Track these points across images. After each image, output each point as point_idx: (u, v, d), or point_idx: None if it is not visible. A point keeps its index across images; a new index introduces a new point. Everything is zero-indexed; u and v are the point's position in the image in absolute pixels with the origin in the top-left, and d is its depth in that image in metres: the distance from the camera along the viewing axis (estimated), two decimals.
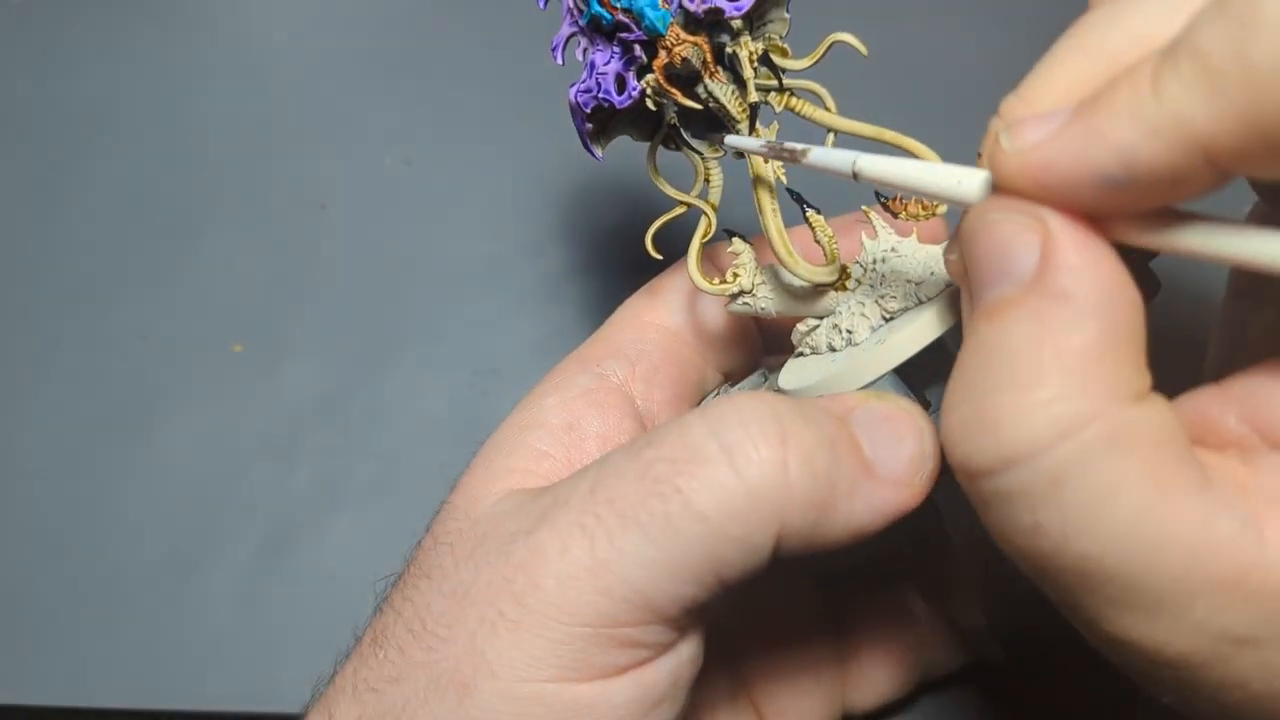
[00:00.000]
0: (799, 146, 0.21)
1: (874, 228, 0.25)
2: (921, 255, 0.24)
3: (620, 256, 0.42)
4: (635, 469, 0.19)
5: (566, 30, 0.24)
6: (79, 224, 0.42)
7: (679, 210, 0.25)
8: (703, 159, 0.25)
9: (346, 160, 0.44)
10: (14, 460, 0.38)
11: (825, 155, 0.21)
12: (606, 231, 0.42)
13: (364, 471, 0.38)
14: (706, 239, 0.25)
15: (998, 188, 0.17)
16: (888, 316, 0.24)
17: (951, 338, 0.22)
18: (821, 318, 0.25)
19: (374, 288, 0.41)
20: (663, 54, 0.22)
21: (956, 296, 0.22)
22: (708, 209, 0.25)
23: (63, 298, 0.41)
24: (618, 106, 0.23)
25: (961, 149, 0.45)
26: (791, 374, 0.24)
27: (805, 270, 0.24)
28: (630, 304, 0.28)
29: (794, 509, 0.19)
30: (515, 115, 0.45)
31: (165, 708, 0.34)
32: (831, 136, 0.25)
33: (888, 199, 0.25)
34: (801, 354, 0.25)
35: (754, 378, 0.28)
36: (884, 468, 0.20)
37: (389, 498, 0.37)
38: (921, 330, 0.22)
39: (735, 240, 0.25)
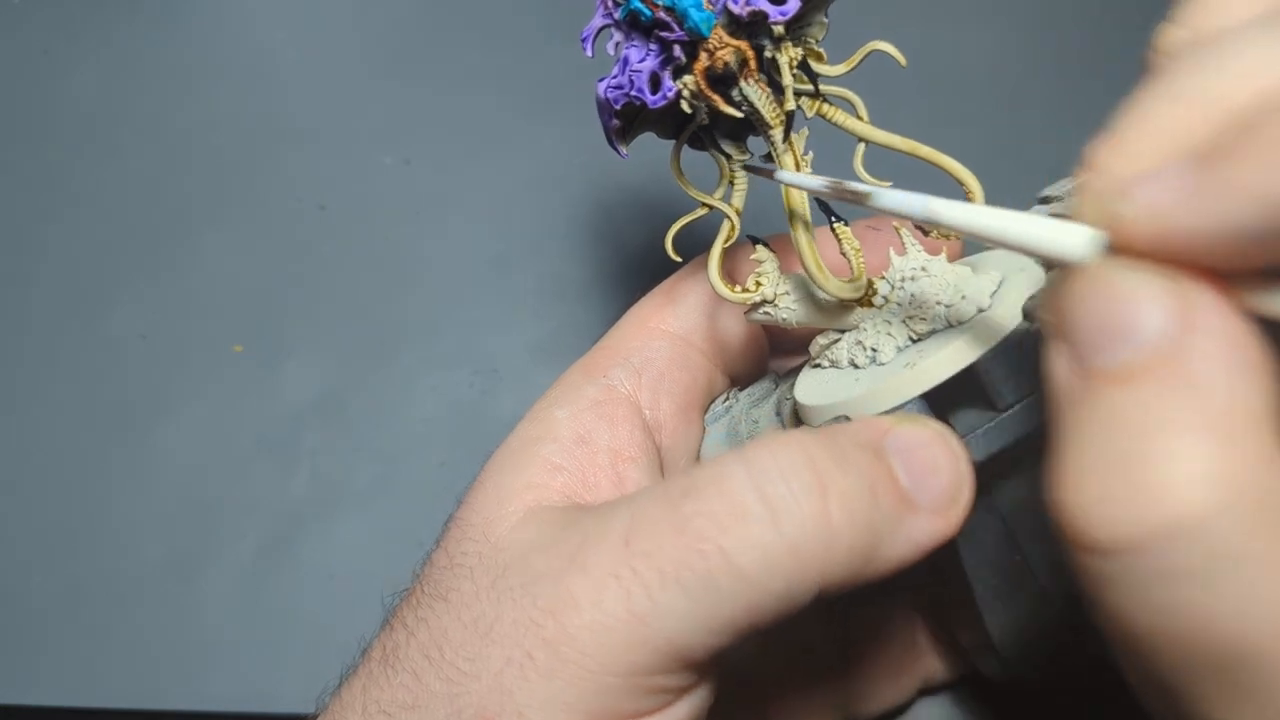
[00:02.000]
0: (863, 188, 0.20)
1: (902, 243, 0.24)
2: (951, 276, 0.23)
3: (621, 256, 0.42)
4: (673, 522, 0.19)
5: (599, 22, 0.23)
6: (79, 224, 0.42)
7: (701, 212, 0.25)
8: (729, 160, 0.25)
9: (346, 160, 0.44)
10: (14, 460, 0.38)
11: (894, 198, 0.19)
12: (607, 231, 0.42)
13: (364, 471, 0.38)
14: (728, 244, 0.24)
15: (1116, 250, 0.16)
16: (914, 338, 0.23)
17: (983, 365, 0.21)
18: (842, 331, 0.24)
19: (374, 288, 0.41)
20: (704, 56, 0.22)
21: (989, 324, 0.22)
22: (731, 213, 0.24)
23: (63, 298, 0.41)
24: (650, 106, 0.22)
25: (985, 149, 0.44)
26: (809, 387, 0.24)
27: (834, 287, 0.23)
28: (638, 308, 0.27)
29: (837, 560, 0.19)
30: (515, 115, 0.45)
31: (165, 708, 0.34)
32: (862, 147, 0.24)
33: None
34: (819, 365, 0.25)
35: (764, 384, 0.27)
36: (922, 498, 0.20)
37: (389, 498, 0.37)
38: (954, 356, 0.21)
39: (759, 248, 0.25)
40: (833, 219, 0.25)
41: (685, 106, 0.23)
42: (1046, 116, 0.45)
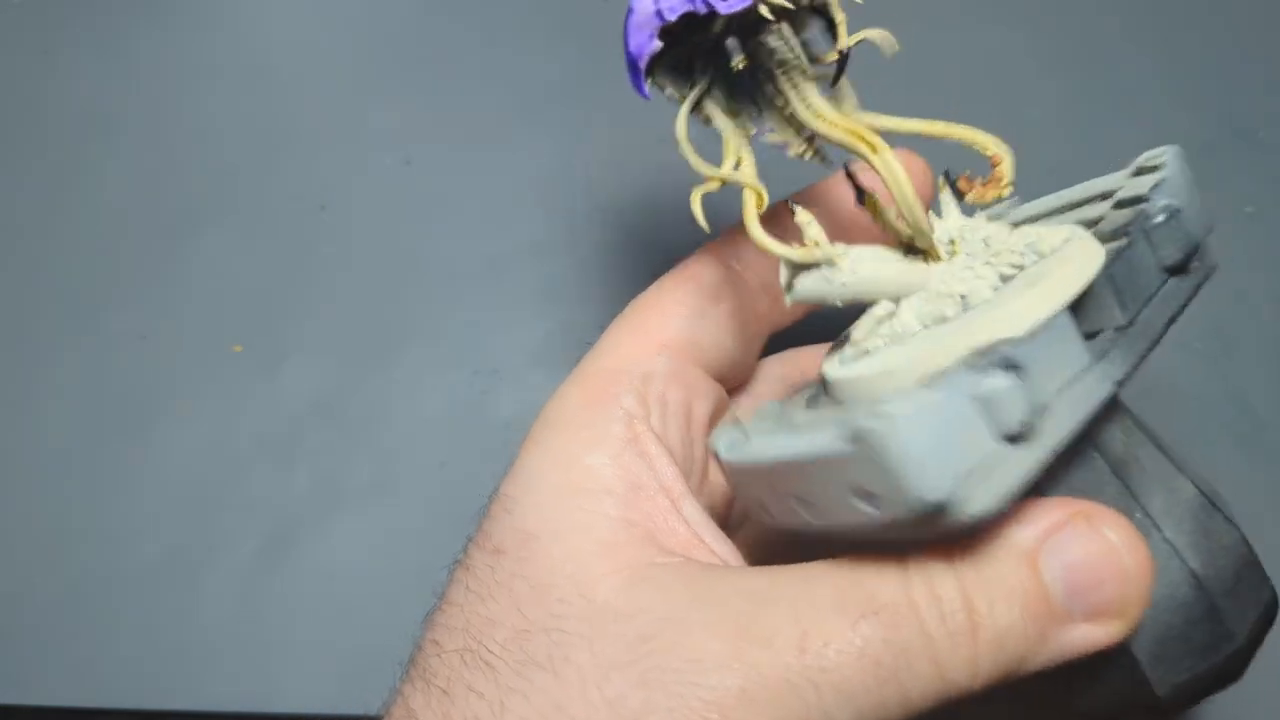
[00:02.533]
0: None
1: (942, 207, 0.23)
2: (1000, 229, 0.22)
3: (621, 257, 0.42)
4: (852, 643, 0.19)
5: None
6: (79, 224, 0.42)
7: (710, 186, 0.23)
8: (735, 128, 0.23)
9: (346, 160, 0.44)
10: (14, 460, 0.38)
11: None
12: (607, 232, 0.42)
13: (364, 471, 0.38)
14: (761, 212, 0.22)
15: None
16: (1005, 277, 0.21)
17: (1107, 274, 0.20)
18: (897, 301, 0.22)
19: (374, 288, 0.41)
20: None
21: (1087, 244, 0.21)
22: (753, 182, 0.22)
23: (63, 298, 0.41)
24: (722, 12, 0.20)
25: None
26: (887, 362, 0.21)
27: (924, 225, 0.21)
28: (625, 320, 0.26)
29: (980, 682, 0.20)
30: (515, 115, 0.45)
31: (165, 708, 0.34)
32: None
33: (956, 177, 0.23)
34: (869, 350, 0.22)
35: (770, 405, 0.25)
36: (1080, 611, 0.20)
37: (389, 498, 0.37)
38: (1085, 263, 0.20)
39: (799, 209, 0.22)
40: (860, 190, 0.23)
41: (766, 12, 0.21)
42: (1046, 116, 0.45)
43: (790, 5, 0.21)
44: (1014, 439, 0.18)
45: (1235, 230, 0.43)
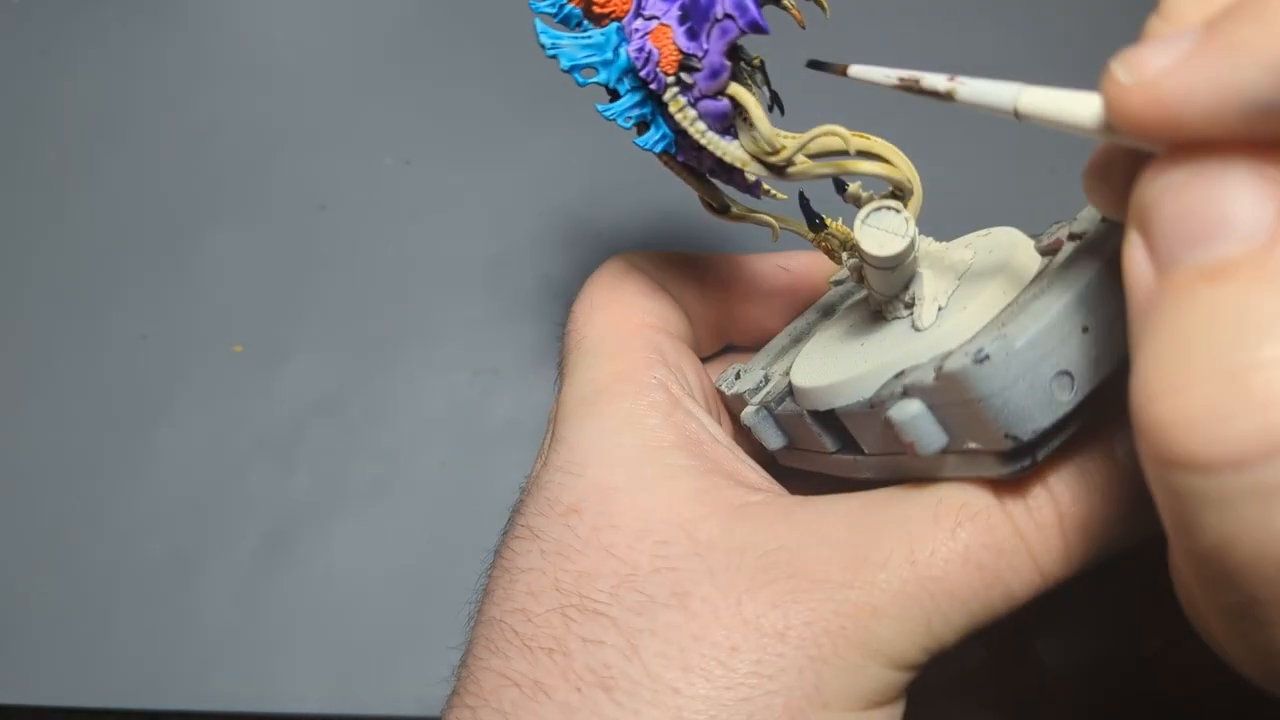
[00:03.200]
0: (943, 85, 0.19)
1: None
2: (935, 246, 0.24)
3: None
4: (956, 550, 0.20)
5: None
6: (79, 224, 0.42)
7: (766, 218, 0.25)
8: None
9: (346, 160, 0.44)
10: (14, 460, 0.38)
11: (982, 89, 0.19)
12: (607, 231, 0.42)
13: (364, 471, 0.38)
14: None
15: (1115, 127, 0.15)
16: (964, 253, 0.24)
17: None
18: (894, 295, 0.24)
19: (374, 288, 0.41)
20: None
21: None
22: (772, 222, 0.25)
23: (63, 298, 0.41)
24: None
25: (985, 149, 0.44)
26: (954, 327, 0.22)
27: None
28: (602, 313, 0.27)
29: (1078, 571, 0.21)
30: (515, 115, 0.45)
31: (165, 708, 0.34)
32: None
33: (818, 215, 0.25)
34: (940, 310, 0.23)
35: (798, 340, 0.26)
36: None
37: (389, 498, 0.37)
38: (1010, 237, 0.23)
39: (826, 219, 0.25)
40: (817, 220, 0.25)
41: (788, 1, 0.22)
42: None
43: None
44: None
45: None
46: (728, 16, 0.21)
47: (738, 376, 0.28)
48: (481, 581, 0.24)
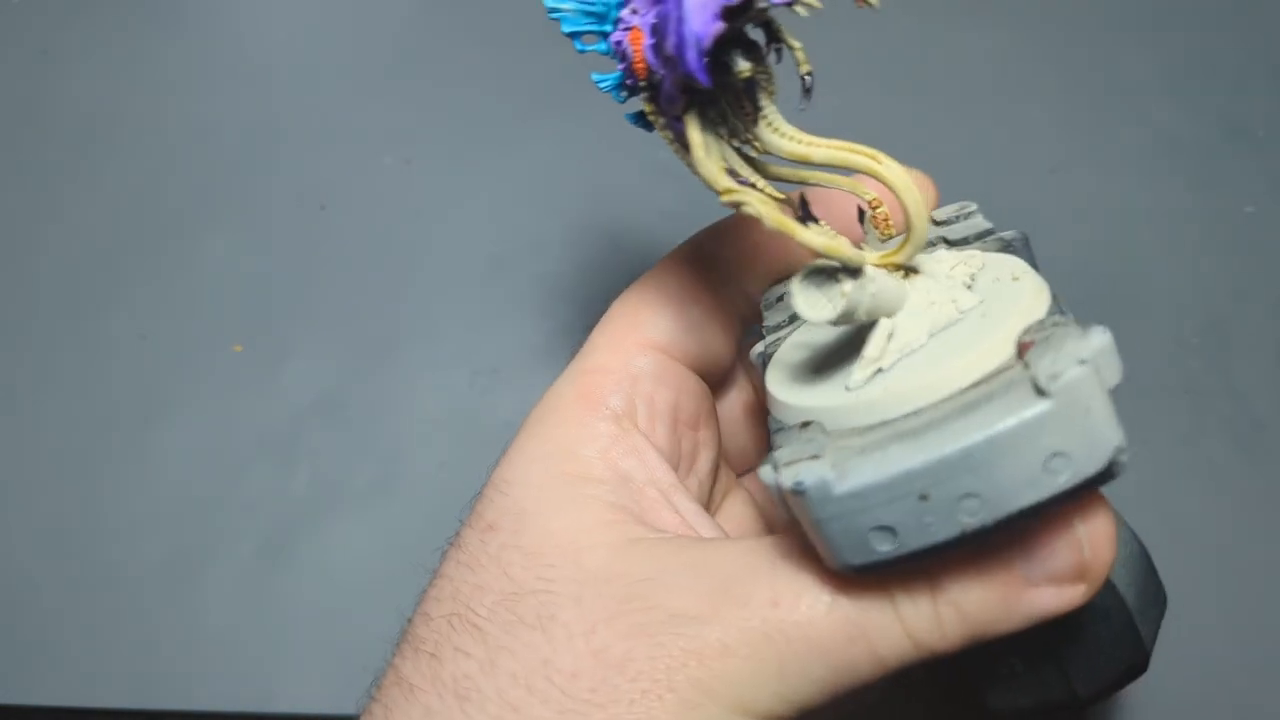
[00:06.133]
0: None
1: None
2: (940, 248, 0.24)
3: (621, 256, 0.42)
4: (822, 602, 0.20)
5: None
6: (79, 224, 0.42)
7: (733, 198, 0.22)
8: (714, 139, 0.22)
9: (346, 160, 0.44)
10: (14, 460, 0.38)
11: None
12: (606, 231, 0.42)
13: (364, 471, 0.38)
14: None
15: None
16: (969, 284, 0.22)
17: None
18: (890, 318, 0.22)
19: (374, 288, 0.41)
20: None
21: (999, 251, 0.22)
22: (774, 193, 0.22)
23: (63, 298, 0.41)
24: (774, 2, 0.19)
25: (985, 149, 0.44)
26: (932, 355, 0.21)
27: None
28: (610, 322, 0.27)
29: (949, 647, 0.21)
30: (515, 115, 0.45)
31: (165, 708, 0.34)
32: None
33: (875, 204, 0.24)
34: (880, 370, 0.22)
35: (786, 451, 0.22)
36: (1040, 577, 0.20)
37: (389, 498, 0.37)
38: (1026, 266, 0.22)
39: (824, 224, 0.23)
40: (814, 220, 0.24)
41: (802, 10, 0.20)
42: (1046, 116, 0.45)
43: (819, 5, 0.21)
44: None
45: (1235, 230, 0.43)
46: (673, 57, 0.19)
47: (779, 300, 0.27)
48: None
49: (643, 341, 0.26)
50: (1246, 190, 0.44)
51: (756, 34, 0.22)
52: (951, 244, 0.25)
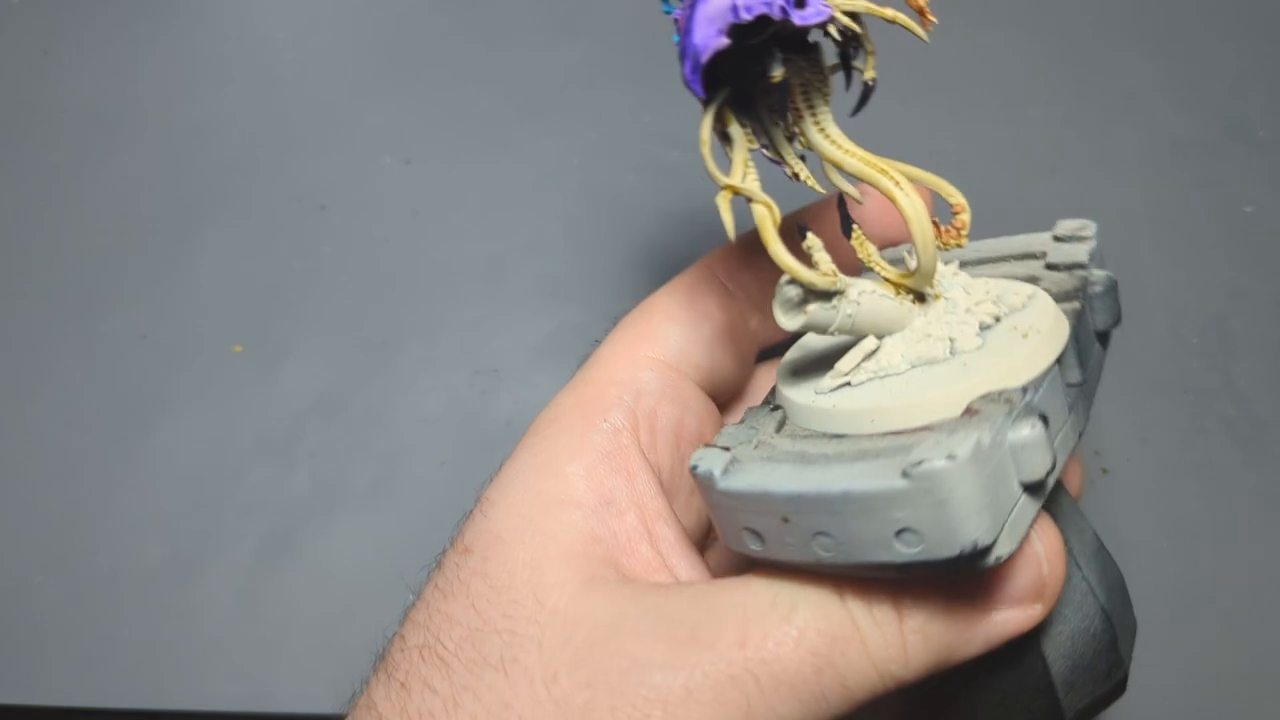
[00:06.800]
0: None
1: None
2: (970, 280, 0.23)
3: (621, 256, 0.42)
4: (789, 635, 0.20)
5: None
6: (79, 224, 0.42)
7: (729, 193, 0.22)
8: (746, 139, 0.22)
9: (346, 160, 0.44)
10: (14, 460, 0.38)
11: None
12: (607, 231, 0.42)
13: (364, 471, 0.38)
14: (778, 227, 0.22)
15: None
16: (986, 325, 0.22)
17: (1074, 334, 0.21)
18: (881, 337, 0.23)
19: (374, 288, 0.41)
20: None
21: (1050, 304, 0.22)
22: (767, 199, 0.22)
23: (62, 297, 0.41)
24: (795, 22, 0.20)
25: (985, 149, 0.45)
26: (873, 397, 0.22)
27: (894, 275, 0.22)
28: (622, 331, 0.26)
29: (913, 675, 0.21)
30: (515, 115, 0.45)
31: (165, 708, 0.34)
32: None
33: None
34: (852, 384, 0.22)
35: (735, 429, 0.24)
36: (1001, 597, 0.21)
37: (389, 498, 0.37)
38: (1061, 320, 0.21)
39: (810, 234, 0.22)
40: (852, 224, 0.24)
41: (834, 31, 0.21)
42: (1046, 116, 0.45)
43: (857, 28, 0.21)
44: (1033, 488, 0.19)
45: (1234, 230, 0.43)
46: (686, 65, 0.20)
47: None
48: None
49: (651, 355, 0.26)
50: (1246, 190, 0.44)
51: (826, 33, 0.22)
52: (1052, 267, 0.25)
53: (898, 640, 0.20)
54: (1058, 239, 0.26)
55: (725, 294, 0.27)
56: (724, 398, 0.28)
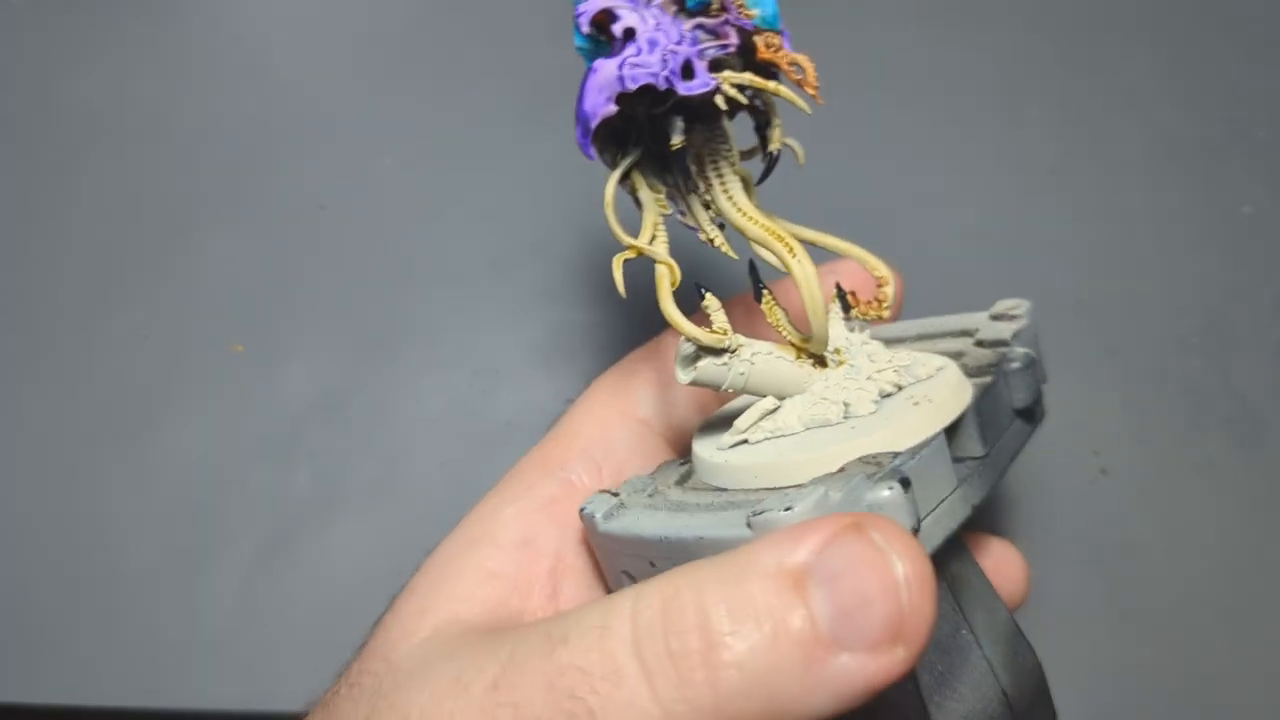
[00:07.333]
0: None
1: (830, 318, 0.24)
2: (878, 347, 0.24)
3: None
4: (545, 672, 0.17)
5: (605, 0, 0.21)
6: (79, 224, 0.42)
7: (629, 254, 0.24)
8: (654, 203, 0.24)
9: (346, 160, 0.44)
10: (14, 460, 0.38)
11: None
12: (606, 231, 0.42)
13: (364, 471, 0.38)
14: (675, 287, 0.23)
15: None
16: (886, 393, 0.23)
17: (974, 406, 0.22)
18: (781, 398, 0.23)
19: (374, 288, 0.41)
20: (762, 48, 0.21)
21: (958, 377, 0.23)
22: (669, 261, 0.23)
23: (63, 297, 0.41)
24: (681, 92, 0.21)
25: (985, 149, 0.44)
26: (768, 456, 0.22)
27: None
28: (596, 390, 0.27)
29: (739, 717, 0.17)
30: (515, 115, 0.45)
31: (165, 708, 0.34)
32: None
33: (848, 293, 0.25)
34: (749, 441, 0.23)
35: (638, 479, 0.25)
36: (848, 638, 0.17)
37: (389, 498, 0.37)
38: (961, 392, 0.22)
39: (708, 295, 0.23)
40: (761, 288, 0.24)
41: (721, 102, 0.21)
42: (1046, 116, 0.45)
43: (744, 100, 0.22)
44: None
45: (1233, 229, 0.43)
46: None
47: None
48: None
49: (626, 413, 0.26)
50: (1245, 190, 0.44)
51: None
52: (980, 343, 0.26)
53: (706, 680, 0.16)
54: (994, 317, 0.27)
55: None
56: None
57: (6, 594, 0.36)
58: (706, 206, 0.24)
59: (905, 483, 0.19)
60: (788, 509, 0.18)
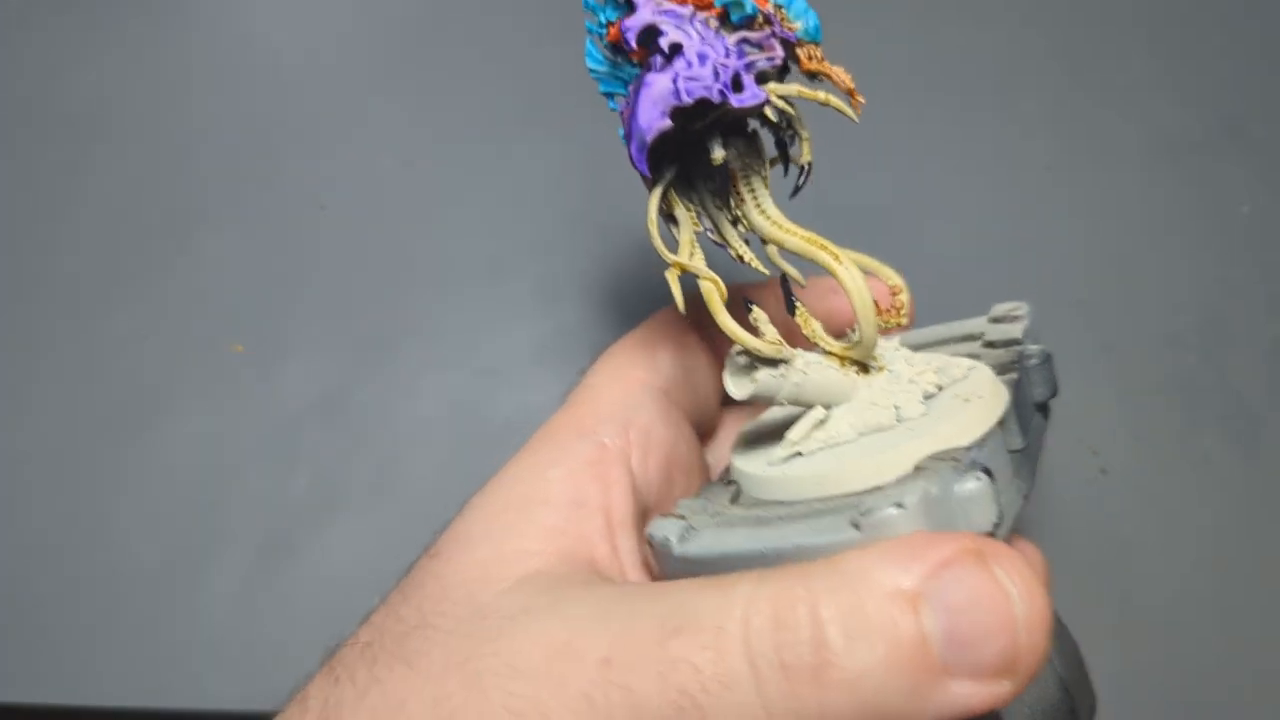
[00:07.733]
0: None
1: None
2: (911, 354, 0.24)
3: (620, 257, 0.42)
4: (658, 661, 0.18)
5: (650, 16, 0.21)
6: (78, 224, 0.42)
7: (676, 271, 0.24)
8: (691, 220, 0.24)
9: (346, 160, 0.44)
10: (14, 460, 0.38)
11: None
12: (606, 232, 0.42)
13: (364, 472, 0.38)
14: (724, 301, 0.23)
15: None
16: (929, 393, 0.23)
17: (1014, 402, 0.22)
18: (828, 408, 0.23)
19: (374, 288, 0.41)
20: (805, 59, 0.21)
21: (990, 373, 0.23)
22: (714, 277, 0.23)
23: (63, 297, 0.41)
24: (734, 105, 0.21)
25: (985, 149, 0.45)
26: (835, 465, 0.22)
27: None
28: (614, 357, 0.27)
29: None
30: (515, 116, 0.45)
31: (165, 708, 0.34)
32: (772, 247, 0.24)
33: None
34: (801, 454, 0.23)
35: (691, 501, 0.25)
36: (962, 666, 0.17)
37: (389, 498, 0.37)
38: (1001, 387, 0.22)
39: (755, 308, 0.23)
40: (793, 302, 0.24)
41: (771, 114, 0.21)
42: (1044, 115, 0.45)
43: (793, 111, 0.22)
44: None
45: (1231, 228, 0.43)
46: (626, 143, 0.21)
47: None
48: None
49: (646, 380, 0.26)
50: (1242, 190, 0.44)
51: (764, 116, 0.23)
52: (990, 345, 0.26)
53: (814, 696, 0.17)
54: (994, 320, 0.27)
55: (702, 333, 0.28)
56: (703, 429, 0.29)
57: (6, 594, 0.36)
58: (734, 223, 0.24)
59: (988, 473, 0.19)
60: (899, 505, 0.18)
